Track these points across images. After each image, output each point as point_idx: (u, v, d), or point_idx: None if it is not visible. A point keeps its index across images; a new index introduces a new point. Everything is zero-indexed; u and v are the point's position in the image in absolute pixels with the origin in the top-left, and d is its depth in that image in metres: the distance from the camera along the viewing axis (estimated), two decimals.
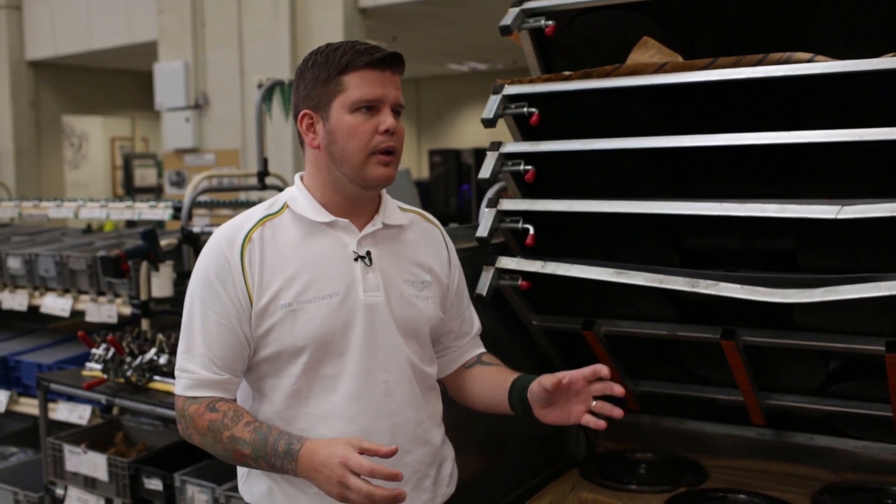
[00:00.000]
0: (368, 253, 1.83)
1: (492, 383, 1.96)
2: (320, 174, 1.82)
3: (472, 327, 2.08)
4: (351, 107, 1.75)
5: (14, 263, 4.28)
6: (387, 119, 1.76)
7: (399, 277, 1.86)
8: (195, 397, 1.79)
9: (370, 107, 1.75)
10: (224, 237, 1.80)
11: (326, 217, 1.81)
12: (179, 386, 1.82)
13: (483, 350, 2.09)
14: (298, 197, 1.83)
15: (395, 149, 1.79)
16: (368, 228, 1.84)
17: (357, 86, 1.74)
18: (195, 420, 1.77)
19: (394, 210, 1.92)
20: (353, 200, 1.83)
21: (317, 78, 1.77)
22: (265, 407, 1.82)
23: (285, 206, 1.84)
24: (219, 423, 1.74)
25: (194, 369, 1.78)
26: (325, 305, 1.77)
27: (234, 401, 1.83)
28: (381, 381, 1.81)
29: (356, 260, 1.81)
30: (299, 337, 1.76)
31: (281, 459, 1.67)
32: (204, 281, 1.78)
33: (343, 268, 1.80)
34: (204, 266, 1.79)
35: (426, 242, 1.96)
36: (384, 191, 1.90)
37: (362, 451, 1.58)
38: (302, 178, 1.87)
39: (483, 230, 2.36)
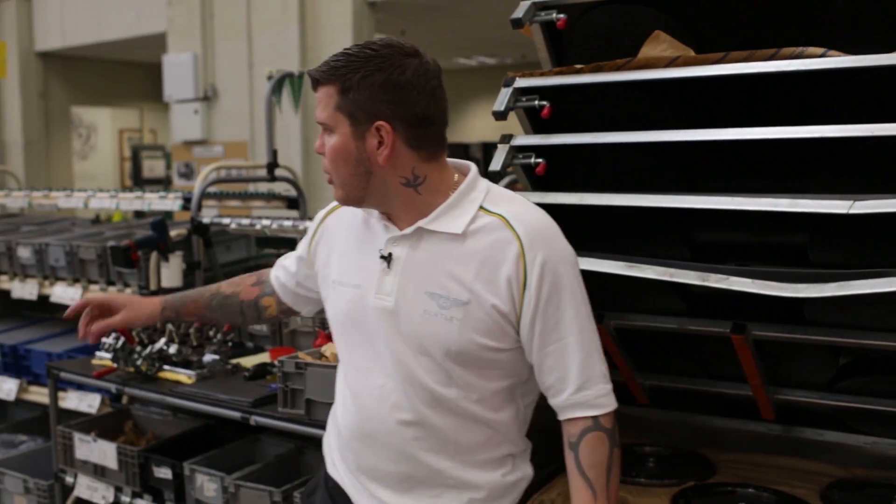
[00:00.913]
0: (390, 255, 1.78)
1: None
2: None
3: (564, 383, 1.76)
4: None
5: (24, 253, 4.30)
6: (318, 138, 1.79)
7: (422, 288, 1.74)
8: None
9: None
10: (328, 206, 2.02)
11: (372, 212, 1.84)
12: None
13: (584, 430, 1.77)
14: None
15: (326, 170, 1.79)
16: (405, 230, 1.77)
17: None
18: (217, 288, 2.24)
19: (456, 214, 1.75)
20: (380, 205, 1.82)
21: None
22: None
23: None
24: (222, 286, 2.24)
25: (272, 269, 2.18)
26: (350, 293, 1.82)
27: (261, 286, 2.17)
28: (377, 384, 1.79)
29: (380, 259, 1.80)
30: (332, 313, 1.91)
31: None
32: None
33: (371, 264, 1.80)
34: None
35: (485, 255, 1.71)
36: (462, 190, 1.76)
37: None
38: None
39: None
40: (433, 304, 1.73)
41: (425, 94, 1.70)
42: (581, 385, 1.75)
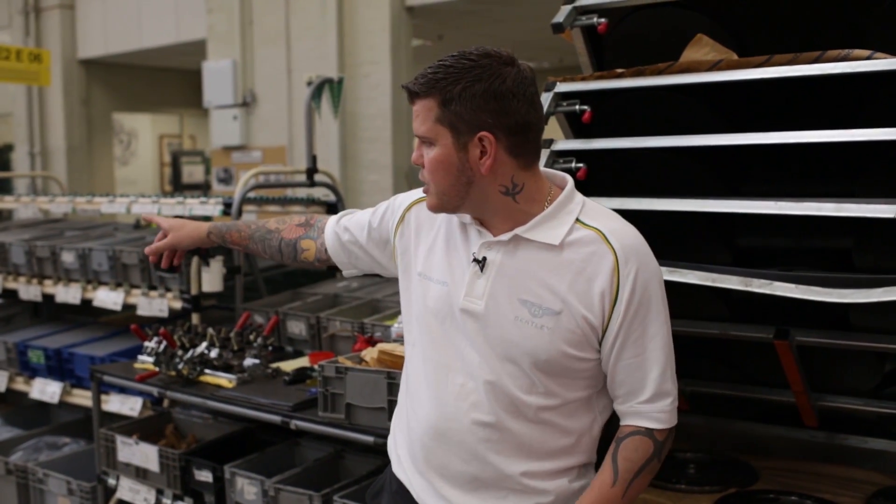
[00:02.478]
0: (484, 259, 1.78)
1: None
2: None
3: (633, 395, 1.78)
4: None
5: (68, 258, 4.36)
6: (415, 150, 1.78)
7: (515, 294, 1.75)
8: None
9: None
10: (413, 192, 2.01)
11: (466, 218, 1.84)
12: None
13: (635, 431, 1.79)
14: None
15: (424, 180, 1.78)
16: (501, 237, 1.78)
17: None
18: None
19: (553, 225, 1.76)
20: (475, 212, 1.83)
21: None
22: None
23: None
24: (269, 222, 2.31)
25: (331, 218, 2.20)
26: (437, 290, 1.84)
27: (306, 228, 2.22)
28: (457, 383, 1.80)
29: (472, 262, 1.80)
30: (416, 308, 1.89)
31: None
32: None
33: (460, 265, 1.82)
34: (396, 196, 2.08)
35: (580, 267, 1.72)
36: (560, 201, 1.77)
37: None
38: None
39: None
40: (525, 311, 1.74)
41: (525, 102, 1.71)
42: (648, 399, 1.77)
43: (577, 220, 1.76)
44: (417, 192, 1.98)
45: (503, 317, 1.75)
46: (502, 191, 1.75)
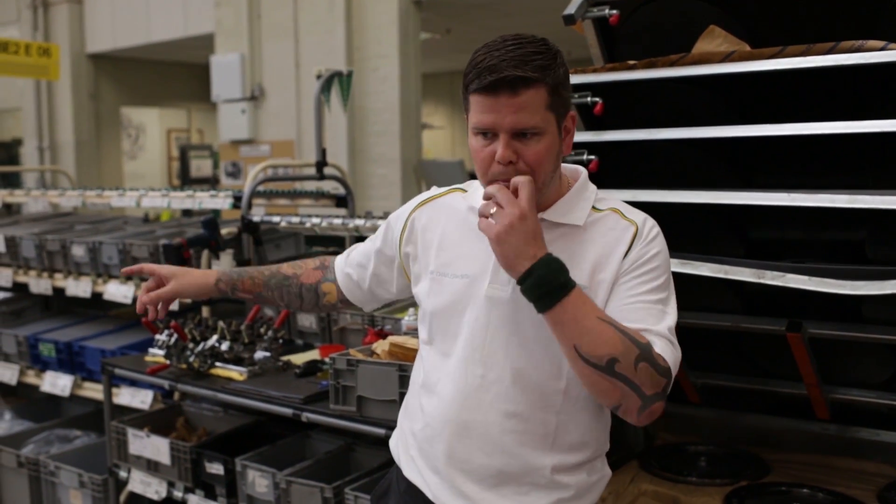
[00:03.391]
0: None
1: None
2: None
3: (634, 321, 1.68)
4: (472, 129, 1.71)
5: (78, 251, 4.37)
6: (501, 148, 1.65)
7: None
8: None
9: (486, 133, 1.68)
10: (408, 204, 1.99)
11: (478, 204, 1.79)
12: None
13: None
14: (477, 182, 1.85)
15: (521, 171, 1.68)
16: None
17: (474, 110, 1.69)
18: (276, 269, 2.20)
19: (575, 208, 1.77)
20: None
21: (463, 83, 1.72)
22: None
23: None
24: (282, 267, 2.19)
25: (338, 258, 2.15)
26: (455, 284, 1.82)
27: (323, 271, 2.16)
28: (477, 374, 1.78)
29: None
30: (430, 304, 1.86)
31: None
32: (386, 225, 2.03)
33: (482, 254, 1.78)
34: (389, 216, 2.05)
35: (602, 242, 1.74)
36: (577, 187, 1.80)
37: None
38: None
39: None
40: None
41: None
42: (651, 328, 1.68)
43: (592, 206, 1.80)
44: (415, 201, 1.97)
45: None
46: (554, 173, 1.76)
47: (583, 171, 1.86)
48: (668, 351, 1.68)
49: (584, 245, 1.75)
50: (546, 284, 1.60)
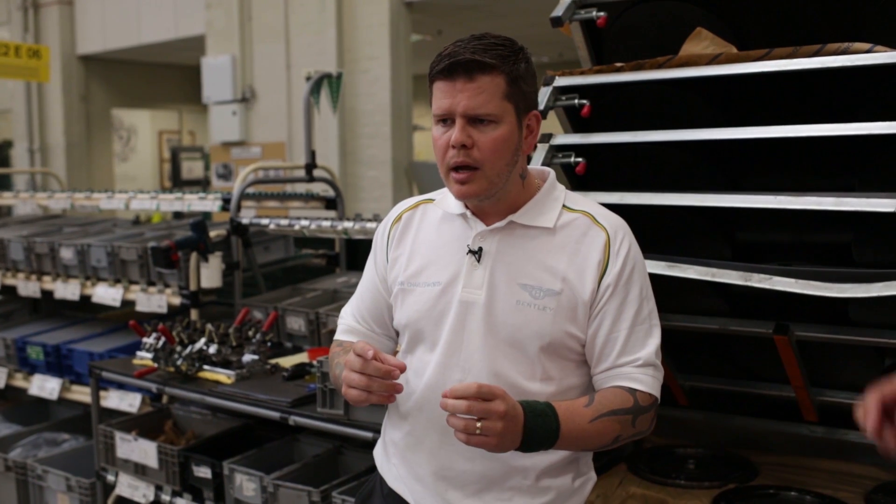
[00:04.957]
0: (480, 249, 1.78)
1: None
2: None
3: (606, 356, 1.77)
4: (433, 119, 1.73)
5: (67, 254, 4.35)
6: (455, 132, 1.67)
7: (514, 279, 1.75)
8: (340, 341, 2.00)
9: (445, 119, 1.70)
10: (389, 214, 1.96)
11: (459, 209, 1.82)
12: (337, 332, 2.05)
13: (616, 387, 1.75)
14: (445, 189, 1.85)
15: (466, 164, 1.69)
16: (493, 225, 1.78)
17: (434, 97, 1.71)
18: (330, 356, 2.00)
19: (544, 210, 1.79)
20: (493, 199, 1.78)
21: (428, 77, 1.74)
22: None
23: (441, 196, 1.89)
24: (334, 354, 1.96)
25: (346, 317, 2.02)
26: (427, 292, 1.82)
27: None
28: (456, 378, 1.77)
29: (468, 254, 1.79)
30: (402, 316, 1.86)
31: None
32: (371, 248, 1.98)
33: (456, 260, 1.80)
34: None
35: (574, 248, 1.76)
36: (545, 189, 1.81)
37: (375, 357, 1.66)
38: None
39: None
40: (526, 294, 1.74)
41: None
42: (634, 361, 1.75)
43: (564, 206, 1.81)
44: (393, 214, 1.95)
45: (505, 303, 1.75)
46: (521, 174, 1.78)
47: (550, 172, 1.87)
48: (652, 383, 1.76)
49: (554, 252, 1.76)
50: (545, 442, 1.64)
